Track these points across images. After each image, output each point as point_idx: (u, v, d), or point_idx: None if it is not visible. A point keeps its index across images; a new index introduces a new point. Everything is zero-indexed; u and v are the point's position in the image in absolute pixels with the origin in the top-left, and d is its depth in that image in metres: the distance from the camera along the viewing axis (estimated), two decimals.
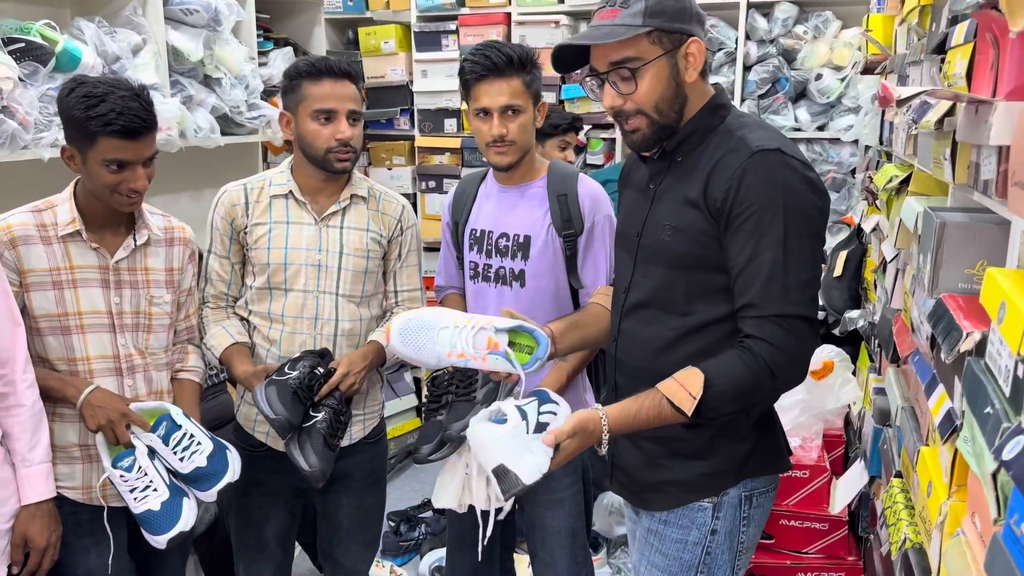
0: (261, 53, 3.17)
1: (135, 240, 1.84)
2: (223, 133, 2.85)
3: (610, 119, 1.58)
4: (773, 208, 1.34)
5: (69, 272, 1.77)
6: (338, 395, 1.92)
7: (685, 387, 1.35)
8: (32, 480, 1.68)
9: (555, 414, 1.41)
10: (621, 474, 1.65)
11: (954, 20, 1.49)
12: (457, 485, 2.05)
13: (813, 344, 1.41)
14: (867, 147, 3.31)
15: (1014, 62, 1.08)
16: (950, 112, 1.37)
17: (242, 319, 2.08)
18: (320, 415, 1.88)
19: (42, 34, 2.15)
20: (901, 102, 1.38)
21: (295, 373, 1.86)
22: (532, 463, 1.32)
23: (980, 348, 1.10)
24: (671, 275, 1.48)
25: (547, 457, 1.34)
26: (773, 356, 1.34)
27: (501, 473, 1.31)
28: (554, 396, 1.45)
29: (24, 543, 1.67)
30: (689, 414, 1.34)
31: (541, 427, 1.37)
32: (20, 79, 2.05)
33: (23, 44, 2.10)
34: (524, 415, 1.37)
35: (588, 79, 1.49)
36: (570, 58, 1.49)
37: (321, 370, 1.90)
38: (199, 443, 1.78)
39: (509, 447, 1.33)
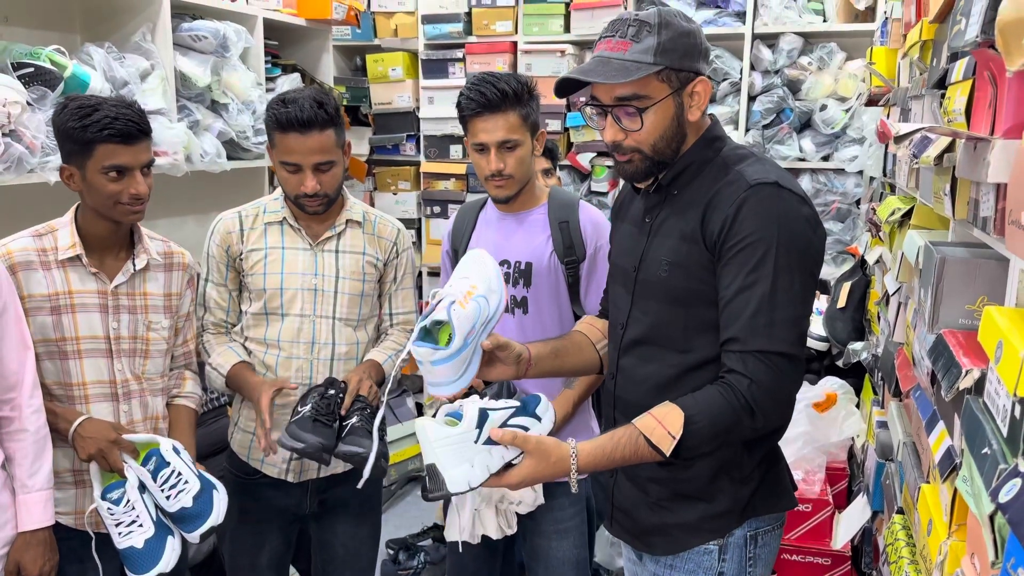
0: (269, 79, 3.20)
1: (134, 265, 1.85)
2: (229, 158, 2.87)
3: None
4: (766, 242, 1.32)
5: (68, 297, 1.78)
6: (363, 399, 1.92)
7: (663, 425, 1.32)
8: (30, 507, 1.67)
9: (527, 428, 1.35)
10: (621, 515, 1.60)
11: (954, 56, 1.49)
12: (467, 518, 2.04)
13: (797, 382, 1.38)
14: (872, 178, 3.32)
15: (1011, 100, 1.08)
16: (950, 148, 1.37)
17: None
18: (353, 418, 1.88)
19: (51, 59, 2.18)
20: (899, 138, 1.38)
21: (308, 407, 1.86)
22: (464, 473, 1.28)
23: (980, 386, 1.09)
24: (669, 311, 1.45)
25: (486, 472, 1.30)
26: (754, 394, 1.30)
27: (431, 472, 1.28)
28: (541, 410, 1.40)
29: (18, 571, 1.66)
30: (668, 454, 1.31)
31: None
32: (28, 103, 2.07)
33: (32, 69, 2.12)
34: (483, 420, 1.32)
35: (589, 108, 1.46)
36: (572, 83, 1.46)
37: (332, 391, 1.91)
38: (186, 482, 1.76)
39: (448, 451, 1.29)
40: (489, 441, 1.31)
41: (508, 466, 1.34)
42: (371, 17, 4.22)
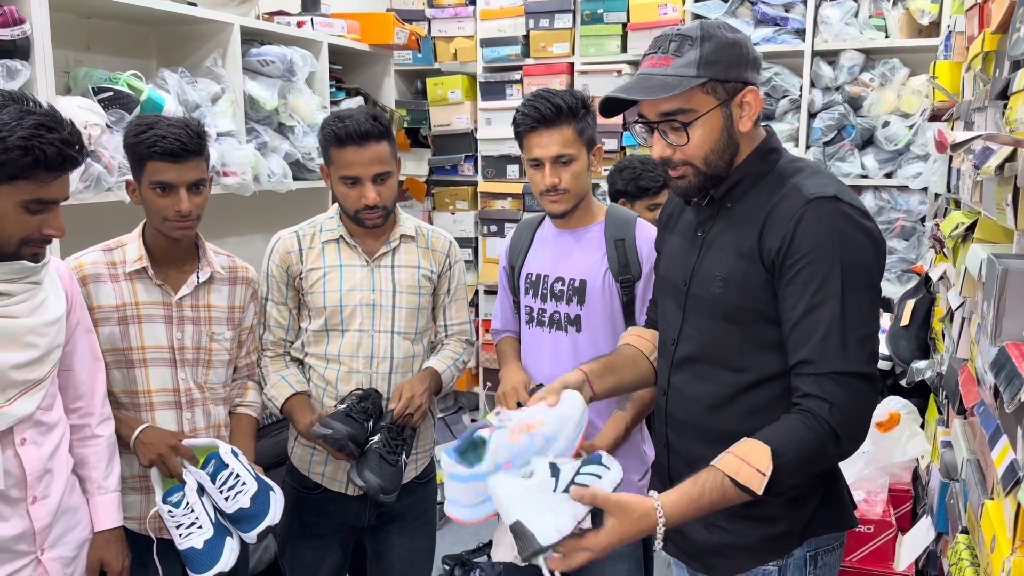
0: (333, 102, 3.30)
1: (198, 277, 1.92)
2: (295, 178, 2.96)
3: None
4: (830, 259, 1.29)
5: (134, 308, 1.86)
6: (389, 419, 1.96)
7: (749, 463, 1.26)
8: (107, 507, 1.75)
9: (599, 476, 1.27)
10: (678, 536, 1.56)
11: (1016, 66, 1.47)
12: (512, 539, 2.04)
13: (874, 402, 1.34)
14: (936, 194, 3.25)
15: None
16: (1011, 157, 1.35)
17: (298, 362, 2.14)
18: (376, 438, 1.93)
19: (129, 84, 2.29)
20: (955, 146, 1.37)
21: (343, 406, 1.93)
22: (552, 522, 1.20)
23: None
24: (724, 328, 1.42)
25: (572, 520, 1.22)
26: (836, 417, 1.26)
27: (518, 531, 1.21)
28: (607, 460, 1.32)
29: (99, 568, 1.73)
30: (760, 492, 1.25)
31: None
32: (107, 126, 2.19)
33: (111, 93, 2.24)
34: (556, 472, 1.25)
35: (637, 125, 1.45)
36: (618, 102, 1.46)
37: (370, 395, 1.97)
38: (244, 483, 1.82)
39: (528, 503, 1.22)
40: (568, 490, 1.25)
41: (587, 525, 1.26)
42: (431, 42, 4.32)
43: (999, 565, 1.19)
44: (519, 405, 1.98)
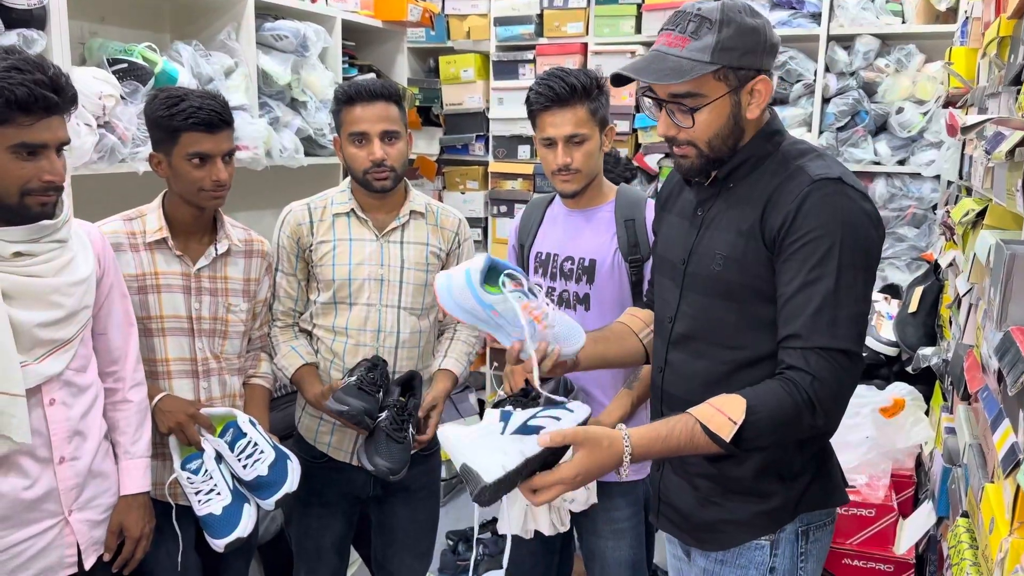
0: (346, 78, 3.29)
1: (216, 249, 1.94)
2: (307, 154, 2.97)
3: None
4: (830, 238, 1.31)
5: (154, 278, 1.89)
6: (396, 394, 1.99)
7: (723, 412, 1.29)
8: (132, 472, 1.77)
9: (558, 419, 1.32)
10: (670, 511, 1.60)
11: None
12: (520, 511, 2.07)
13: (855, 380, 1.36)
14: (949, 182, 3.23)
15: None
16: (1023, 143, 1.35)
17: (307, 333, 2.16)
18: (383, 415, 1.95)
19: (143, 56, 2.30)
20: (966, 129, 1.37)
21: (353, 378, 1.95)
22: (496, 461, 1.23)
23: None
24: (722, 306, 1.44)
25: (520, 456, 1.25)
26: (816, 391, 1.28)
27: (466, 473, 1.24)
28: (573, 405, 1.37)
29: (120, 532, 1.75)
30: (728, 440, 1.28)
31: (531, 430, 1.29)
32: (122, 97, 2.20)
33: (126, 65, 2.25)
34: (505, 417, 1.30)
35: (646, 99, 1.47)
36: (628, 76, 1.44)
37: (376, 369, 1.99)
38: (262, 451, 1.86)
39: (473, 447, 1.26)
40: (521, 431, 1.29)
41: (554, 460, 1.30)
42: (445, 19, 4.30)
43: (997, 546, 1.20)
44: (526, 383, 2.00)
